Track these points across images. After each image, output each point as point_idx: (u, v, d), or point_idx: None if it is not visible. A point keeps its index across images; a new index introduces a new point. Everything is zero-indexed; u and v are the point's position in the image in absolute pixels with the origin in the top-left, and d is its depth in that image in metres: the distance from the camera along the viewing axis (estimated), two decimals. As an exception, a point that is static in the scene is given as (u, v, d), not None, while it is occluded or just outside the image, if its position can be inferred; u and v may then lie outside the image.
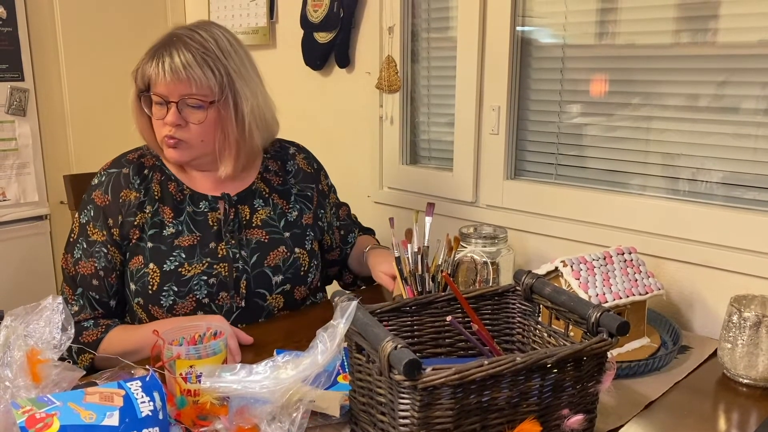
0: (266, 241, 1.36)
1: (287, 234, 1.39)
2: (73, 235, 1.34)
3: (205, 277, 1.30)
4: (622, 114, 1.46)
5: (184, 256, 1.30)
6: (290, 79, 2.08)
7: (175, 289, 1.29)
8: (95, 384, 0.97)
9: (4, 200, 2.07)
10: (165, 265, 1.29)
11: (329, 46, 1.89)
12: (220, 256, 1.32)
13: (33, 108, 2.09)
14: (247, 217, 1.37)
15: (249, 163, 1.39)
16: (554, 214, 1.54)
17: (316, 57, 1.94)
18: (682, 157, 1.39)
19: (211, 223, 1.33)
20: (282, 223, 1.40)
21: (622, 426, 0.97)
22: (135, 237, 1.31)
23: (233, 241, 1.33)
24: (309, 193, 1.47)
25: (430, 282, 1.31)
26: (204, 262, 1.30)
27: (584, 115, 1.52)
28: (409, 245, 1.33)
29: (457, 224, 1.47)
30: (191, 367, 0.95)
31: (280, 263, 1.36)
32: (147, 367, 0.91)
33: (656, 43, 1.39)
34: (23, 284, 2.12)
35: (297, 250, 1.39)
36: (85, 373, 1.03)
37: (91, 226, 1.32)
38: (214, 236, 1.32)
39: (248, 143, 1.33)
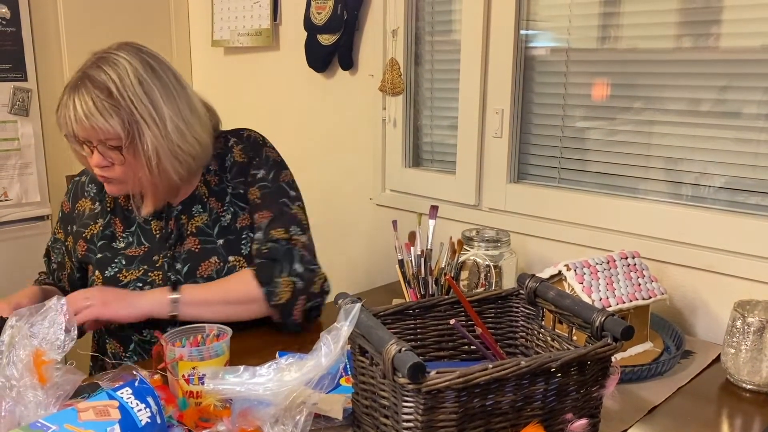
0: (197, 250, 1.32)
1: (221, 241, 1.33)
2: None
3: (140, 284, 1.31)
4: (624, 118, 1.46)
5: (124, 262, 1.33)
6: (293, 81, 2.08)
7: None
8: (98, 385, 0.97)
9: (6, 200, 2.07)
10: (107, 272, 1.33)
11: (333, 49, 1.89)
12: (157, 264, 1.32)
13: (36, 108, 2.09)
14: (185, 226, 1.34)
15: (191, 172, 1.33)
16: (557, 218, 1.54)
17: (320, 59, 1.94)
18: (684, 161, 1.39)
19: (155, 233, 1.34)
20: (216, 229, 1.34)
21: (625, 431, 0.97)
22: (82, 249, 1.37)
23: (169, 252, 1.32)
24: (241, 190, 1.36)
25: (434, 285, 1.31)
26: (140, 269, 1.32)
27: (587, 119, 1.51)
28: (412, 248, 1.33)
29: (460, 227, 1.47)
30: (194, 368, 0.95)
31: (213, 274, 1.30)
32: (134, 372, 0.91)
33: (659, 47, 1.39)
34: (24, 284, 2.11)
35: (231, 258, 1.31)
36: (85, 376, 1.02)
37: (58, 225, 1.44)
38: (158, 246, 1.33)
39: (165, 181, 1.27)
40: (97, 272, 1.34)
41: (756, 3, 1.25)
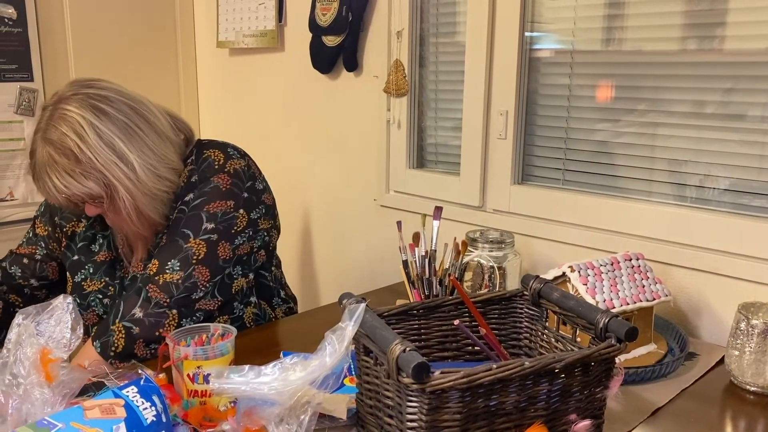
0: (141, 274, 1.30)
1: None
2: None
3: (101, 296, 1.33)
4: (629, 120, 1.46)
5: (91, 271, 1.34)
6: (298, 82, 2.08)
7: (78, 301, 1.34)
8: (103, 384, 0.97)
9: (12, 200, 2.08)
10: (76, 276, 1.35)
11: (337, 50, 1.89)
12: (115, 280, 1.33)
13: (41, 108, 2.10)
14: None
15: None
16: (561, 220, 1.54)
17: (324, 60, 1.94)
18: (689, 163, 1.39)
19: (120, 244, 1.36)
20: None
21: (628, 432, 0.97)
22: (63, 244, 1.38)
23: (122, 272, 1.34)
24: (172, 216, 1.29)
25: (438, 286, 1.31)
26: (102, 281, 1.33)
27: (592, 120, 1.52)
28: (416, 249, 1.33)
29: (464, 228, 1.47)
30: (199, 367, 0.96)
31: None
32: (140, 371, 0.92)
33: (663, 49, 1.39)
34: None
35: None
36: (90, 375, 1.03)
37: (38, 220, 1.42)
38: (129, 249, 1.34)
39: (149, 228, 1.27)
40: (68, 274, 1.37)
41: (761, 5, 1.25)
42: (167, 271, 1.22)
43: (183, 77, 2.44)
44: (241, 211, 1.29)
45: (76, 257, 1.36)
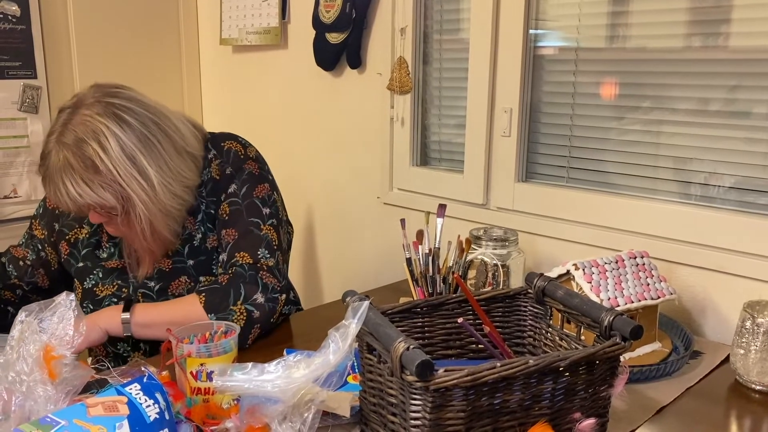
0: (168, 270, 1.30)
1: (191, 262, 1.30)
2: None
3: (115, 300, 1.31)
4: (633, 117, 1.46)
5: (101, 276, 1.32)
6: (301, 79, 2.08)
7: (91, 307, 1.31)
8: (106, 381, 0.97)
9: (16, 197, 2.08)
10: (85, 283, 1.33)
11: (341, 47, 1.89)
12: (131, 280, 1.31)
13: (45, 106, 2.10)
14: None
15: None
16: (565, 218, 1.54)
17: (328, 57, 1.94)
18: (693, 161, 1.38)
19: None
20: (187, 249, 1.30)
21: (633, 431, 0.97)
22: (65, 252, 1.35)
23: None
24: (212, 210, 1.30)
25: (441, 283, 1.31)
26: (114, 284, 1.32)
27: (596, 118, 1.51)
28: (420, 246, 1.33)
29: (468, 226, 1.47)
30: (202, 365, 0.95)
31: (184, 292, 1.29)
32: (143, 368, 0.92)
33: (668, 47, 1.39)
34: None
35: (203, 278, 1.29)
36: (94, 371, 1.03)
37: (36, 221, 1.40)
38: (136, 262, 1.32)
39: (160, 244, 1.26)
40: (76, 281, 1.36)
41: (766, 2, 1.25)
42: (261, 258, 1.24)
43: (186, 75, 2.44)
44: (275, 194, 1.34)
45: (81, 264, 1.34)
